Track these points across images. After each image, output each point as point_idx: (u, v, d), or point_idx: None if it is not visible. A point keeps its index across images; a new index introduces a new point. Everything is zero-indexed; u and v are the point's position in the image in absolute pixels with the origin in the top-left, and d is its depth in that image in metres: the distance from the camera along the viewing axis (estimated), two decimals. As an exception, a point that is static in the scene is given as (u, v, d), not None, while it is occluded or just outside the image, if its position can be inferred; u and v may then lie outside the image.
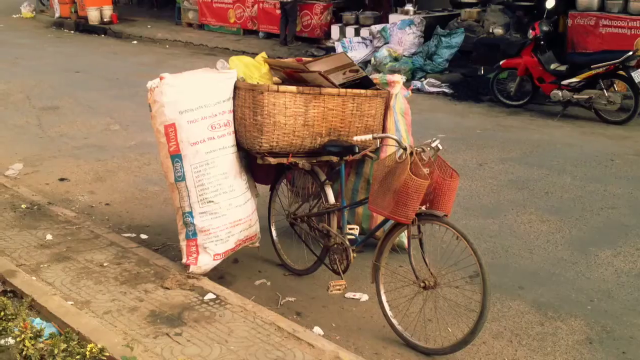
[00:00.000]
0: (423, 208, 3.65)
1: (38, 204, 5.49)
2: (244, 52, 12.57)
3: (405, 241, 4.28)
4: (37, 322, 3.44)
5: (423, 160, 3.62)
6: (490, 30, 10.74)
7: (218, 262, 4.36)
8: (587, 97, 8.36)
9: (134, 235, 5.16)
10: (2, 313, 3.36)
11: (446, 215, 3.65)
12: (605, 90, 8.25)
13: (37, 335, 3.16)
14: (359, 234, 4.35)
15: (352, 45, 11.87)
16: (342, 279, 4.11)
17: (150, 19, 17.86)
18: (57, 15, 18.35)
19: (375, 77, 4.78)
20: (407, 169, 3.51)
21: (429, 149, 3.66)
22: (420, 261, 3.72)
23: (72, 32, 17.12)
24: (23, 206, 5.44)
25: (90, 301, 3.94)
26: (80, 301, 3.93)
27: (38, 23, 18.79)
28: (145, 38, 15.51)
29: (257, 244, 4.67)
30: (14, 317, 3.38)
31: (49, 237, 4.85)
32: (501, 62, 9.20)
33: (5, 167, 6.73)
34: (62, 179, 6.48)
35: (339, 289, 4.04)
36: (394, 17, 11.99)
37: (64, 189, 6.24)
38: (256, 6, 14.93)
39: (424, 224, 3.70)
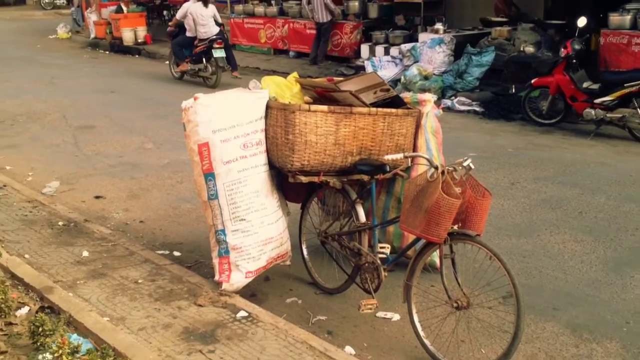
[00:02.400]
0: (455, 227, 3.65)
1: (74, 221, 5.60)
2: (274, 72, 12.70)
3: (437, 260, 4.27)
4: (75, 338, 3.49)
5: (455, 180, 3.62)
6: (522, 49, 10.69)
7: (250, 279, 4.40)
8: (621, 115, 8.26)
9: (167, 252, 5.23)
10: (40, 329, 3.44)
11: (479, 235, 3.63)
12: (638, 109, 8.15)
13: (75, 351, 3.23)
14: (390, 252, 4.35)
15: (382, 64, 11.92)
16: (373, 298, 4.10)
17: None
18: (92, 36, 18.77)
19: (406, 96, 4.80)
20: (439, 188, 3.51)
21: (460, 168, 3.66)
22: (453, 281, 3.70)
23: (107, 52, 17.48)
24: (60, 223, 5.56)
25: (126, 317, 4.00)
26: (116, 317, 3.99)
27: (74, 44, 19.21)
28: (178, 58, 15.73)
29: (288, 262, 4.70)
30: (51, 332, 3.45)
31: (85, 254, 4.94)
32: (533, 81, 9.14)
33: (43, 185, 6.88)
34: (97, 197, 6.61)
35: (370, 308, 4.03)
36: (423, 36, 12.01)
37: (99, 207, 6.35)
38: (287, 26, 15.10)
39: (456, 244, 3.69)
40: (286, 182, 4.50)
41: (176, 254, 5.23)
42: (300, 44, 14.70)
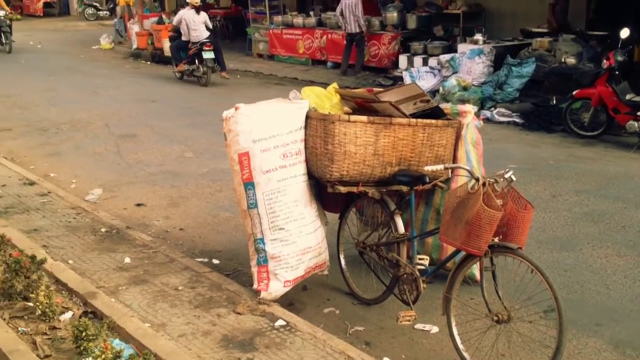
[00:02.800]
0: (496, 240, 3.61)
1: (117, 228, 5.70)
2: (312, 82, 12.76)
3: (476, 273, 4.24)
4: (117, 343, 3.54)
5: (496, 191, 3.58)
6: (563, 60, 10.56)
7: (288, 288, 4.42)
8: (665, 128, 8.10)
9: (206, 260, 5.28)
10: (84, 333, 3.49)
11: (520, 248, 3.59)
12: (684, 122, 7.98)
13: (117, 356, 3.27)
14: (429, 264, 4.32)
15: (420, 74, 11.89)
16: (411, 309, 4.08)
17: (222, 50, 18.37)
18: (134, 46, 19.12)
19: (446, 107, 4.79)
20: (480, 200, 3.48)
21: (502, 179, 3.62)
22: (493, 294, 3.66)
23: (148, 62, 17.77)
24: (103, 230, 5.67)
25: (166, 324, 4.05)
26: (157, 323, 4.05)
27: (116, 54, 19.59)
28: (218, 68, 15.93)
29: (326, 272, 4.70)
30: (94, 337, 3.51)
31: (127, 260, 5.02)
32: (574, 92, 9.02)
33: (86, 192, 7.02)
34: (138, 204, 6.71)
35: (409, 320, 4.01)
36: (463, 47, 11.96)
37: (140, 214, 6.45)
38: (325, 37, 15.19)
39: (497, 256, 3.64)
40: (324, 192, 4.52)
41: (215, 261, 5.29)
42: (338, 54, 14.75)
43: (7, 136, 9.64)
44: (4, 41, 18.72)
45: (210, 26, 14.04)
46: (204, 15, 13.79)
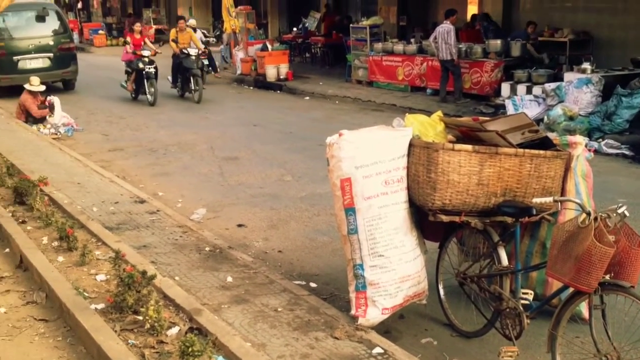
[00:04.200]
0: (607, 277, 3.47)
1: (220, 248, 5.88)
2: (410, 109, 12.75)
3: (584, 311, 4.08)
4: (221, 360, 3.67)
5: (608, 227, 3.45)
6: (677, 91, 10.02)
7: (386, 316, 4.40)
8: None
9: (304, 283, 5.35)
10: (190, 349, 3.62)
11: (633, 287, 3.43)
12: None
13: (221, 372, 3.37)
14: (532, 299, 4.19)
15: (524, 103, 11.62)
16: (514, 345, 3.97)
17: (322, 77, 18.70)
18: (238, 72, 19.80)
19: (555, 137, 4.66)
20: (591, 235, 3.36)
21: (614, 214, 3.49)
22: (602, 333, 3.50)
23: (251, 88, 18.34)
24: (207, 249, 5.86)
25: (266, 344, 4.13)
26: (257, 343, 4.13)
27: (221, 79, 20.30)
28: (317, 94, 16.24)
29: (424, 301, 4.65)
30: (200, 353, 3.63)
31: (229, 279, 5.16)
32: (690, 125, 8.54)
33: (191, 211, 7.29)
34: (240, 225, 6.90)
35: (511, 356, 3.89)
36: (569, 76, 11.59)
37: (241, 235, 6.63)
38: (425, 64, 15.15)
39: (608, 294, 3.50)
40: (425, 220, 4.49)
41: (312, 285, 5.35)
42: (437, 81, 14.64)
43: (120, 156, 10.21)
44: (192, 87, 15.21)
45: (204, 39, 19.17)
46: (199, 33, 19.07)
